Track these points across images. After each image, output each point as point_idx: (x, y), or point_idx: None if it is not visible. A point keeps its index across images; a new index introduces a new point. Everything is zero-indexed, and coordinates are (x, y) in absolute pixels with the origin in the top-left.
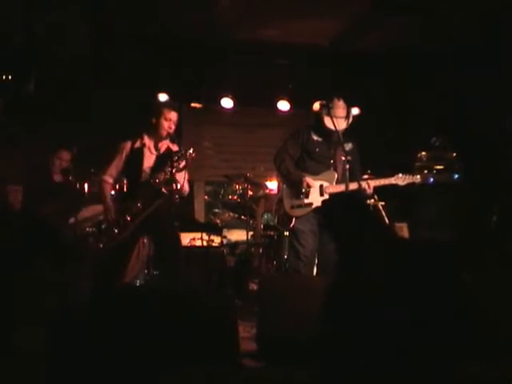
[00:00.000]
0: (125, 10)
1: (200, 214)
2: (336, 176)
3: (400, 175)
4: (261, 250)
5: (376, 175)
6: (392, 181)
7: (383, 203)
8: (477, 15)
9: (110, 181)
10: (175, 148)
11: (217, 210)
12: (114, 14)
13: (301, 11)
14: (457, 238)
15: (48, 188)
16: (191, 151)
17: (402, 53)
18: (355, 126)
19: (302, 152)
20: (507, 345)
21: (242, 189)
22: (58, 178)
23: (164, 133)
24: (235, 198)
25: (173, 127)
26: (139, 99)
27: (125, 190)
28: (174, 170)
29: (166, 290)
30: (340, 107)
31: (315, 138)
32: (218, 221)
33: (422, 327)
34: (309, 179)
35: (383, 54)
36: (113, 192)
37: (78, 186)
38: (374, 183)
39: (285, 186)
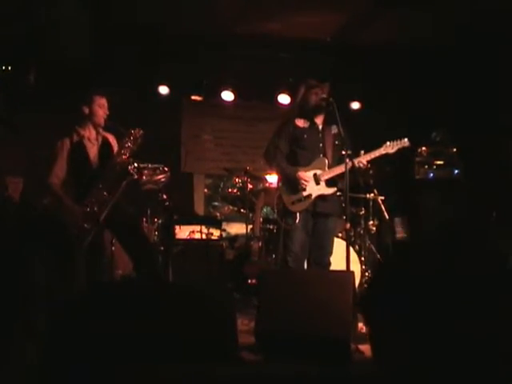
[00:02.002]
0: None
1: (199, 207)
2: (327, 161)
3: (388, 143)
4: (260, 244)
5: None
6: (382, 151)
7: (383, 198)
8: (478, 12)
9: (58, 182)
10: (111, 137)
11: (216, 203)
12: (114, 5)
13: (302, 5)
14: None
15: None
16: (137, 130)
17: (404, 47)
18: (355, 119)
19: (291, 145)
20: None
21: (242, 182)
22: None
23: (101, 120)
24: (235, 191)
25: (107, 113)
26: (140, 91)
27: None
28: (127, 153)
29: (163, 283)
30: (323, 88)
31: (300, 125)
32: (218, 214)
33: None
34: (302, 174)
35: (384, 48)
36: None
37: None
38: (365, 158)
39: (281, 184)
